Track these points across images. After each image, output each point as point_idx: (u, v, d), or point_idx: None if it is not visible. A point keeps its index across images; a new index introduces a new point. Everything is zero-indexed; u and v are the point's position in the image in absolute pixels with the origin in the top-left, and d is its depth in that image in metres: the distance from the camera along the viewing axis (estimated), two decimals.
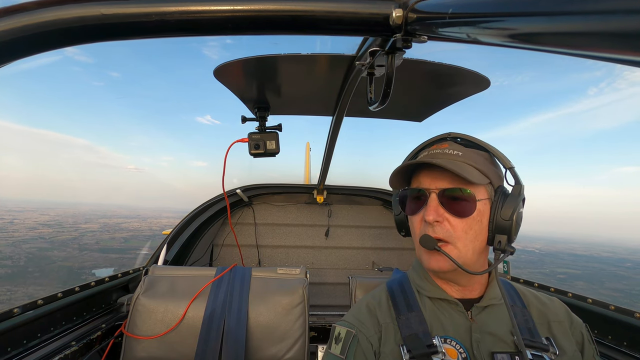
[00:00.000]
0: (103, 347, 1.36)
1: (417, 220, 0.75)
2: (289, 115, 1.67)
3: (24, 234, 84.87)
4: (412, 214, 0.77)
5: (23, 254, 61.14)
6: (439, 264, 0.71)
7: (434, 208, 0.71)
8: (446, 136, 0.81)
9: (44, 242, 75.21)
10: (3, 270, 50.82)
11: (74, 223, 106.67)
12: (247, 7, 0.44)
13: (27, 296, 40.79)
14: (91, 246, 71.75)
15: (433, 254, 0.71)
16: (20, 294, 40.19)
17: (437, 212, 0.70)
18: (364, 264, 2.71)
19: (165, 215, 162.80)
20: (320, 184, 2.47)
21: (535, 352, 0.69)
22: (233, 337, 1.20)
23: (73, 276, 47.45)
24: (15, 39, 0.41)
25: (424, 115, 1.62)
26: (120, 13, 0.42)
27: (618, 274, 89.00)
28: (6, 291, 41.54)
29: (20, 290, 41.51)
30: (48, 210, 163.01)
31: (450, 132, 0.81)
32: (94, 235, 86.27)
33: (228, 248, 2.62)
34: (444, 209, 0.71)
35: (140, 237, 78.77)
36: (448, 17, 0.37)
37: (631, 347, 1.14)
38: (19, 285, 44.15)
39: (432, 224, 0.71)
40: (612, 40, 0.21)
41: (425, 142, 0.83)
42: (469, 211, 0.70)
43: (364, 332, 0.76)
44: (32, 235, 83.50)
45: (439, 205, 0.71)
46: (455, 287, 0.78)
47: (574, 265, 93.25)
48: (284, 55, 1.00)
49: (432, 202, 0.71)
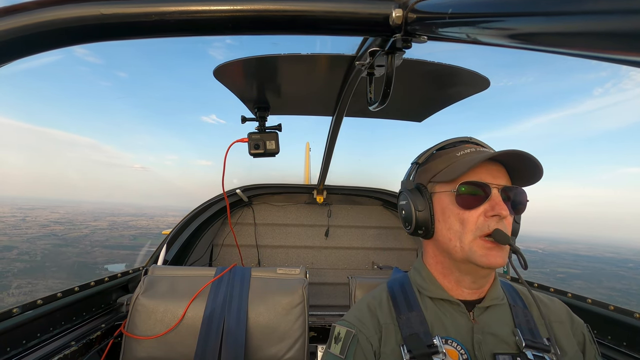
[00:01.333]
0: (102, 347, 1.36)
1: (474, 215, 0.73)
2: (289, 115, 1.67)
3: (37, 230, 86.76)
4: (468, 208, 0.73)
5: (39, 250, 63.79)
6: (498, 259, 0.69)
7: (502, 203, 0.71)
8: (468, 139, 0.82)
9: (56, 239, 77.50)
10: (22, 265, 53.50)
11: (83, 221, 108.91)
12: (247, 7, 0.44)
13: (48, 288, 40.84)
14: (102, 243, 73.77)
15: (493, 249, 0.70)
16: (41, 286, 42.48)
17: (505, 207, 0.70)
18: (363, 264, 2.71)
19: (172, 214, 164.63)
20: (320, 184, 2.47)
21: (536, 353, 0.69)
22: (233, 337, 1.20)
23: (88, 271, 49.40)
24: (15, 39, 0.41)
25: (424, 115, 1.62)
26: (119, 13, 0.42)
27: (619, 274, 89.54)
28: (27, 284, 43.94)
29: (41, 283, 43.80)
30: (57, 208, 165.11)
31: (470, 137, 0.83)
32: (103, 233, 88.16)
33: (228, 248, 2.62)
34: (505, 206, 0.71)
35: (149, 235, 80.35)
36: (448, 17, 0.37)
37: (631, 347, 1.14)
38: (39, 279, 46.47)
39: (501, 220, 0.70)
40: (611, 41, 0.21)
41: (448, 141, 0.83)
42: (522, 210, 0.75)
43: (364, 332, 0.76)
44: (45, 232, 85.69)
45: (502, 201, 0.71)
46: (470, 287, 0.77)
47: (575, 265, 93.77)
48: (284, 55, 0.99)
49: (498, 198, 0.71)
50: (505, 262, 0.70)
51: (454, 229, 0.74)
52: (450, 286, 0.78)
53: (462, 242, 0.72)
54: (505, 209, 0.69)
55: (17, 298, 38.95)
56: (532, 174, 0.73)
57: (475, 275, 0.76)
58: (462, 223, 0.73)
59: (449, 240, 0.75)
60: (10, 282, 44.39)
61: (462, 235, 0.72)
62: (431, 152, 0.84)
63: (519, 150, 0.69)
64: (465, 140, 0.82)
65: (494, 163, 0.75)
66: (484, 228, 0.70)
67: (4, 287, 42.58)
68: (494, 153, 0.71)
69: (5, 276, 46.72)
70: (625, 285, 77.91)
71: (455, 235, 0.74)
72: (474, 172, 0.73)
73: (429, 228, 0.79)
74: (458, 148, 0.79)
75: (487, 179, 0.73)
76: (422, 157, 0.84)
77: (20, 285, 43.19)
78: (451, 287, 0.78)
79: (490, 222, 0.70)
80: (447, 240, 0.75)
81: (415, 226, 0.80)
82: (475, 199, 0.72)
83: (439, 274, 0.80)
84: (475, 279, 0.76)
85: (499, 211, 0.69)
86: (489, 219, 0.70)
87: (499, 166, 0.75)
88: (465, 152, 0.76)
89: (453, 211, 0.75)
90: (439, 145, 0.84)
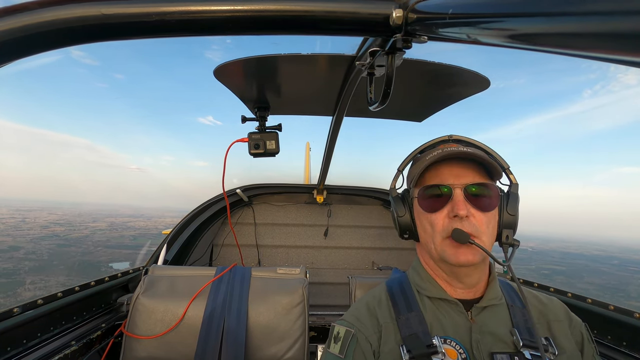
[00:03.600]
0: (103, 346, 1.36)
1: (439, 217, 0.74)
2: (289, 115, 1.67)
3: (38, 231, 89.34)
4: (433, 211, 0.75)
5: (44, 250, 67.02)
6: (468, 257, 0.71)
7: (463, 203, 0.71)
8: (448, 138, 0.82)
9: (59, 240, 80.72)
10: (32, 264, 57.06)
11: (82, 222, 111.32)
12: (247, 7, 0.44)
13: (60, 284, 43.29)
14: (104, 243, 76.47)
15: (461, 248, 0.71)
16: (53, 282, 46.21)
17: (465, 207, 0.71)
18: (363, 263, 2.71)
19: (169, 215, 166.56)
20: (320, 183, 2.47)
21: (534, 352, 0.69)
22: (233, 336, 1.20)
23: (93, 269, 52.17)
24: (16, 39, 0.41)
25: (424, 115, 1.62)
26: (120, 13, 0.42)
27: (601, 270, 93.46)
28: (40, 280, 47.24)
29: (53, 279, 47.56)
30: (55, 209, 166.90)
31: (451, 134, 0.83)
32: (104, 234, 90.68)
33: (228, 248, 2.62)
34: (470, 204, 0.72)
35: (148, 235, 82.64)
36: (448, 18, 0.37)
37: (630, 347, 1.14)
38: (50, 276, 50.19)
39: (462, 219, 0.71)
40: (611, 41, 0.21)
41: (427, 144, 0.84)
42: (492, 205, 0.74)
43: (363, 332, 0.76)
44: (47, 233, 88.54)
45: (465, 200, 0.72)
46: (460, 286, 0.78)
47: (561, 262, 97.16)
48: (284, 55, 0.99)
49: (459, 197, 0.72)
50: (476, 259, 0.71)
51: (427, 231, 0.77)
52: (445, 286, 0.79)
53: (435, 243, 0.75)
54: (463, 209, 0.70)
55: (33, 292, 41.67)
56: (493, 167, 0.74)
57: (458, 274, 0.77)
58: (431, 225, 0.76)
59: (426, 242, 0.78)
60: (23, 278, 47.58)
61: (434, 237, 0.75)
62: (412, 156, 0.86)
63: (450, 152, 0.72)
64: (444, 139, 0.83)
65: (462, 162, 0.75)
66: (448, 229, 0.72)
67: (20, 283, 45.99)
68: (438, 155, 0.73)
69: (18, 273, 50.49)
70: (604, 281, 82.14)
71: (430, 238, 0.76)
72: (435, 175, 0.76)
73: (412, 232, 0.82)
74: (432, 150, 0.80)
75: (449, 179, 0.74)
76: (403, 162, 0.87)
77: (34, 281, 46.30)
78: (445, 286, 0.79)
79: (454, 222, 0.72)
80: (425, 242, 0.79)
81: (401, 230, 0.83)
82: (438, 201, 0.75)
83: (433, 274, 0.82)
84: (460, 277, 0.77)
85: (456, 211, 0.71)
86: (452, 219, 0.72)
87: (467, 164, 0.75)
88: (432, 155, 0.77)
89: (424, 215, 0.78)
90: (419, 149, 0.85)
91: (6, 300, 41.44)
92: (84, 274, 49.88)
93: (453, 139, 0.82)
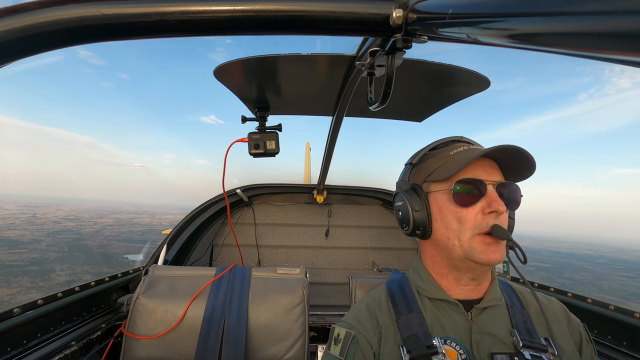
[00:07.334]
0: (103, 347, 1.36)
1: (471, 212, 0.73)
2: (289, 115, 1.67)
3: (51, 226, 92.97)
4: (466, 205, 0.73)
5: (63, 243, 72.45)
6: (497, 255, 0.70)
7: (499, 199, 0.71)
8: (459, 138, 0.82)
9: (73, 234, 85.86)
10: (55, 255, 62.46)
11: (90, 218, 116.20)
12: (247, 7, 0.44)
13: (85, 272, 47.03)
14: (116, 237, 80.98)
15: (491, 246, 0.70)
16: (79, 270, 53.00)
17: (502, 203, 0.71)
18: (363, 264, 2.71)
19: (171, 212, 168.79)
20: (320, 183, 2.47)
21: (534, 353, 0.69)
22: (233, 337, 1.20)
23: (111, 260, 56.57)
24: (16, 39, 0.41)
25: (424, 115, 1.62)
26: (120, 13, 0.42)
27: (584, 267, 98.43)
28: (67, 268, 53.84)
29: (78, 268, 52.84)
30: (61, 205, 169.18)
31: (461, 136, 0.83)
32: (113, 229, 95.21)
33: (228, 248, 2.62)
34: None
35: (155, 231, 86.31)
36: (448, 18, 0.37)
37: (631, 347, 1.14)
38: (75, 265, 55.67)
39: (499, 216, 0.71)
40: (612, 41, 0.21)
41: (440, 141, 0.83)
42: (517, 206, 0.75)
43: (364, 333, 0.76)
44: (60, 228, 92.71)
45: (498, 197, 0.72)
46: (469, 285, 0.77)
47: (548, 260, 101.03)
48: (284, 55, 1.00)
49: (494, 194, 0.72)
50: (503, 258, 0.70)
51: (452, 227, 0.74)
52: (449, 285, 0.78)
53: (460, 240, 0.72)
54: (503, 205, 0.70)
55: (65, 278, 46.59)
56: (526, 168, 0.73)
57: (475, 272, 0.76)
58: (459, 221, 0.73)
59: (447, 239, 0.75)
60: (52, 267, 54.33)
61: (461, 234, 0.72)
62: (424, 152, 0.84)
63: (512, 145, 0.69)
64: (456, 139, 0.83)
65: (487, 160, 0.75)
66: (483, 225, 0.70)
67: (50, 270, 52.57)
68: (489, 149, 0.71)
69: (46, 262, 57.64)
70: (582, 277, 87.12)
71: (454, 234, 0.73)
72: (468, 170, 0.74)
73: (427, 228, 0.78)
74: (450, 147, 0.79)
75: (482, 175, 0.73)
76: (416, 157, 0.85)
77: (62, 269, 51.44)
78: (450, 286, 0.78)
79: (489, 219, 0.70)
80: (446, 239, 0.75)
81: (413, 226, 0.79)
82: (472, 197, 0.73)
83: (437, 274, 0.80)
84: (475, 275, 0.76)
85: (496, 207, 0.69)
86: (487, 215, 0.71)
87: (492, 163, 0.75)
88: (458, 151, 0.77)
89: (450, 209, 0.74)
90: (431, 145, 0.84)
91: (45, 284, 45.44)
92: (105, 264, 54.04)
93: (464, 140, 0.82)
